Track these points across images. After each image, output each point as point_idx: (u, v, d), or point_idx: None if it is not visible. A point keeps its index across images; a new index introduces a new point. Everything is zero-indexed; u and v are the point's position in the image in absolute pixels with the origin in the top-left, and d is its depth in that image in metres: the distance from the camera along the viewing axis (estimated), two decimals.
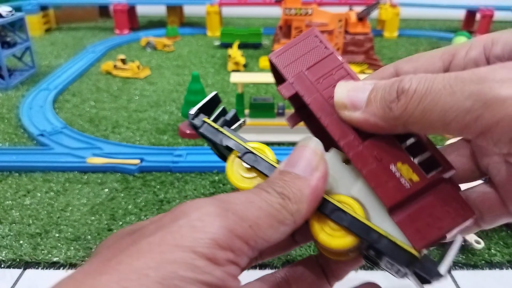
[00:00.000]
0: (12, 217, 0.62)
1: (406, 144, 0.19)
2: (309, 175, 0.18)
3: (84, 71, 1.30)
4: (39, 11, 1.76)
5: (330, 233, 0.19)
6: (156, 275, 0.13)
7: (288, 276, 0.22)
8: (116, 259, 0.14)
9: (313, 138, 0.19)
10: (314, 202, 0.18)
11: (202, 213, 0.15)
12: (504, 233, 0.59)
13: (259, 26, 1.86)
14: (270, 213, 0.16)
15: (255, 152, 0.20)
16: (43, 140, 0.82)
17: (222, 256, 0.15)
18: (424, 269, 0.17)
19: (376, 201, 0.19)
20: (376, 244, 0.18)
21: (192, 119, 0.22)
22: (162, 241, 0.14)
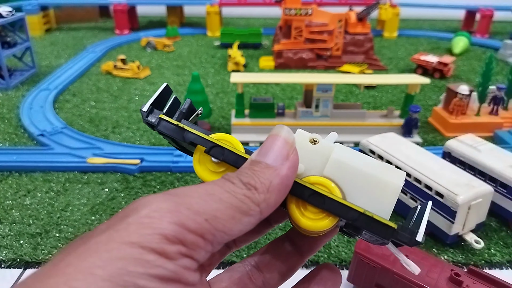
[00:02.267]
0: (13, 217, 0.62)
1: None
2: (279, 165, 0.18)
3: (84, 71, 1.30)
4: (39, 11, 1.76)
5: (310, 217, 0.19)
6: (104, 273, 0.13)
7: (258, 263, 0.22)
8: (64, 261, 0.14)
9: (285, 127, 0.19)
10: (283, 191, 0.18)
11: (152, 209, 0.15)
12: (504, 233, 0.59)
13: (259, 26, 1.86)
14: (232, 204, 0.16)
15: (222, 145, 0.20)
16: (43, 140, 0.82)
17: (172, 250, 0.14)
18: (402, 237, 0.18)
19: (349, 178, 0.19)
20: (356, 222, 0.18)
21: (146, 117, 0.21)
22: (109, 240, 0.14)
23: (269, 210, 0.17)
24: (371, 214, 0.18)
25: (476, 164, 0.61)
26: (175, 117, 0.21)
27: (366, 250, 0.46)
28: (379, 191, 0.19)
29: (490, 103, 0.93)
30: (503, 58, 1.47)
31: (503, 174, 0.58)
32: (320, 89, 0.87)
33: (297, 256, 0.22)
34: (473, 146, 0.64)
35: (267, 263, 0.22)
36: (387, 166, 0.20)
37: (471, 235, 0.55)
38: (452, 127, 0.89)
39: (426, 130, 0.93)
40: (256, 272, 0.22)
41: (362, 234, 0.20)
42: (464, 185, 0.54)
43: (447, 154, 0.67)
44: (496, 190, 0.58)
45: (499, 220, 0.61)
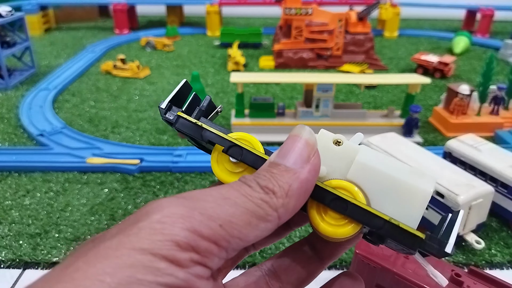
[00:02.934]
0: (12, 217, 0.62)
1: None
2: (299, 168, 0.17)
3: (84, 71, 1.29)
4: (39, 11, 1.76)
5: (331, 222, 0.18)
6: (112, 280, 0.13)
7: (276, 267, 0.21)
8: (73, 266, 0.14)
9: (306, 127, 0.18)
10: (303, 196, 0.17)
11: (164, 214, 0.14)
12: (505, 233, 0.59)
13: (259, 26, 1.86)
14: (248, 209, 0.15)
15: (240, 145, 0.19)
16: (42, 140, 0.82)
17: (184, 257, 0.14)
18: (430, 248, 0.17)
19: (375, 183, 0.18)
20: (381, 230, 0.17)
21: (164, 113, 0.20)
22: (120, 245, 0.14)
23: (287, 216, 0.16)
24: (397, 223, 0.17)
25: (477, 164, 0.61)
26: (194, 114, 0.20)
27: (366, 251, 0.46)
28: (406, 198, 0.18)
29: (490, 103, 0.93)
30: (504, 58, 1.47)
31: (503, 174, 0.58)
32: (320, 89, 0.86)
33: (317, 262, 0.21)
34: (474, 146, 0.64)
35: (285, 268, 0.21)
36: (417, 170, 0.19)
37: (472, 236, 0.55)
38: (453, 127, 0.89)
39: (427, 130, 0.93)
40: (273, 277, 0.21)
41: (387, 243, 0.18)
42: (464, 185, 0.54)
43: (447, 154, 0.66)
44: (496, 190, 0.58)
45: (500, 220, 0.61)
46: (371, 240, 0.19)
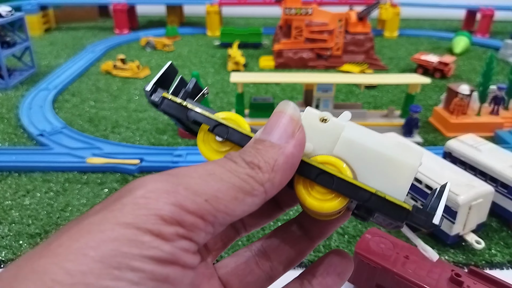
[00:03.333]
0: (12, 217, 0.62)
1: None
2: (284, 143, 0.17)
3: (84, 71, 1.29)
4: (39, 11, 1.76)
5: (318, 197, 0.18)
6: (96, 254, 0.13)
7: (265, 247, 0.21)
8: (56, 242, 0.13)
9: (290, 102, 0.18)
10: (289, 170, 0.17)
11: (148, 190, 0.14)
12: (505, 233, 0.59)
13: (259, 25, 1.85)
14: (234, 184, 0.15)
15: (226, 124, 0.19)
16: (42, 140, 0.82)
17: (169, 231, 0.14)
18: (418, 220, 0.17)
19: (361, 158, 0.18)
20: (368, 203, 0.17)
21: (150, 95, 0.20)
22: (103, 220, 0.13)
23: (274, 190, 0.17)
24: (383, 195, 0.17)
25: (477, 164, 0.61)
26: (179, 96, 0.20)
27: (366, 251, 0.46)
28: (393, 172, 0.18)
29: (490, 103, 0.92)
30: (504, 57, 1.47)
31: (503, 174, 0.58)
32: (320, 89, 0.86)
33: (306, 241, 0.21)
34: (474, 146, 0.64)
35: (275, 248, 0.21)
36: (404, 145, 0.18)
37: (472, 236, 0.55)
38: (453, 127, 0.89)
39: (427, 130, 0.93)
40: (263, 257, 0.21)
41: (374, 217, 0.18)
42: (464, 185, 0.54)
43: (447, 154, 0.66)
44: (496, 190, 0.58)
45: (500, 220, 0.61)
46: (360, 216, 0.19)
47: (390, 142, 0.19)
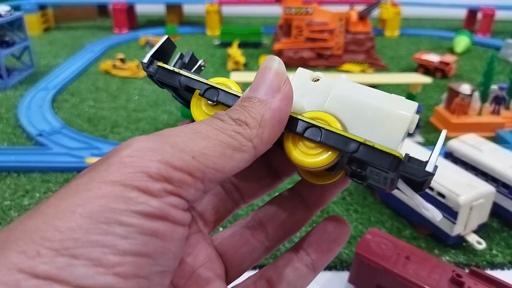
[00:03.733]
0: (11, 218, 0.62)
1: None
2: (270, 98, 0.17)
3: (83, 71, 1.29)
4: (38, 10, 1.76)
5: (308, 152, 0.17)
6: (84, 210, 0.13)
7: (261, 217, 0.21)
8: (45, 203, 0.14)
9: (275, 57, 0.18)
10: (277, 125, 0.17)
11: (133, 149, 0.14)
12: (506, 233, 0.59)
13: (259, 25, 1.85)
14: (222, 140, 0.15)
15: (217, 86, 0.19)
16: (41, 140, 0.82)
17: (157, 187, 0.14)
18: (410, 169, 0.16)
19: (352, 112, 0.18)
20: (356, 154, 0.17)
21: (146, 67, 0.20)
22: (90, 180, 0.14)
23: (263, 146, 0.16)
24: (372, 144, 0.16)
25: (478, 164, 0.61)
26: (175, 65, 0.20)
27: (367, 251, 0.45)
28: (384, 123, 0.17)
29: (492, 103, 0.92)
30: (505, 57, 1.47)
31: (505, 174, 0.58)
32: None
33: (304, 210, 0.21)
34: (475, 146, 0.63)
35: (271, 217, 0.21)
36: (397, 97, 0.18)
37: (473, 236, 0.55)
38: (454, 127, 0.89)
39: (428, 130, 0.92)
40: (258, 227, 0.21)
41: (369, 175, 0.18)
42: (465, 185, 0.54)
43: (448, 154, 0.66)
44: (498, 190, 0.58)
45: (501, 221, 0.61)
46: (355, 176, 0.19)
47: (382, 94, 0.18)
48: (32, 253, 0.12)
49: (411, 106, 0.18)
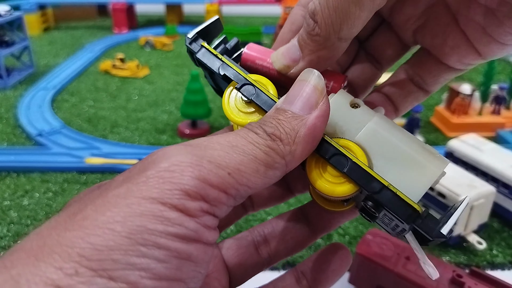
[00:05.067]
0: (10, 218, 0.61)
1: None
2: (307, 114, 0.16)
3: (83, 71, 1.29)
4: (38, 10, 1.75)
5: (328, 179, 0.17)
6: (123, 229, 0.13)
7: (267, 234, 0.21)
8: (81, 213, 0.13)
9: (315, 71, 0.18)
10: (311, 143, 0.16)
11: (172, 162, 0.14)
12: (506, 234, 0.59)
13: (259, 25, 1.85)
14: (256, 156, 0.15)
15: (255, 85, 0.19)
16: (41, 140, 0.82)
17: (194, 207, 0.14)
18: (425, 226, 0.16)
19: (383, 151, 0.17)
20: (377, 195, 0.16)
21: (189, 43, 0.20)
22: (128, 193, 0.13)
23: (294, 163, 0.16)
24: (395, 190, 0.16)
25: (478, 164, 0.61)
26: (218, 50, 0.20)
27: (367, 251, 0.45)
28: (412, 173, 0.17)
29: (492, 103, 0.92)
30: (505, 57, 1.47)
31: (505, 175, 0.58)
32: None
33: (308, 233, 0.21)
34: (475, 146, 0.63)
35: (276, 236, 0.21)
36: (431, 149, 0.18)
37: (473, 236, 0.55)
38: (454, 127, 0.89)
39: (428, 130, 0.92)
40: (263, 243, 0.21)
41: (381, 216, 0.17)
42: (466, 185, 0.53)
43: (449, 154, 0.66)
44: (498, 190, 0.58)
45: (501, 221, 0.61)
46: (366, 213, 0.19)
47: (417, 143, 0.18)
48: (70, 271, 0.12)
49: (443, 162, 0.17)
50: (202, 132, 0.86)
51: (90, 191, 0.17)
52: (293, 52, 0.19)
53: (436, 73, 0.20)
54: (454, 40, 0.18)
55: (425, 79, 0.21)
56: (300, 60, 0.19)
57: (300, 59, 0.19)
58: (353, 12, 0.16)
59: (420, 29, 0.19)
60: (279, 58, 0.20)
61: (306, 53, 0.19)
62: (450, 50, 0.19)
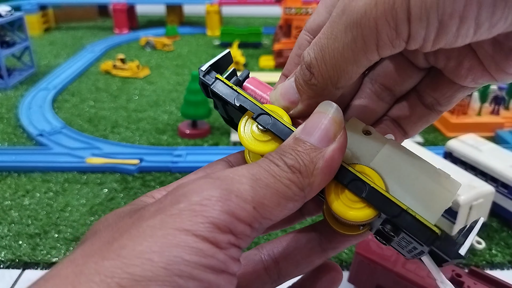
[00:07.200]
0: (11, 218, 0.62)
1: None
2: (325, 146, 0.17)
3: (83, 71, 1.29)
4: (38, 11, 1.76)
5: (348, 204, 0.17)
6: (161, 260, 0.13)
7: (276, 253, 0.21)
8: (117, 242, 0.14)
9: (333, 104, 0.18)
10: (328, 174, 0.17)
11: (203, 197, 0.15)
12: (505, 233, 0.59)
13: (259, 25, 1.85)
14: (278, 190, 0.16)
15: (271, 113, 0.19)
16: (42, 140, 0.82)
17: (223, 239, 0.14)
18: (444, 248, 0.16)
19: (398, 175, 0.18)
20: (396, 219, 0.17)
21: (203, 76, 0.20)
22: (163, 225, 0.14)
23: (313, 194, 0.17)
24: (414, 213, 0.17)
25: (477, 164, 0.61)
26: (231, 81, 0.21)
27: (367, 251, 0.45)
28: (428, 197, 0.18)
29: (491, 103, 0.92)
30: None
31: (504, 174, 0.58)
32: None
33: (319, 253, 0.21)
34: (474, 146, 0.64)
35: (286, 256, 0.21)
36: (444, 173, 0.18)
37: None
38: (453, 127, 0.89)
39: (427, 130, 0.92)
40: (272, 263, 0.21)
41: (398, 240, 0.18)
42: (465, 185, 0.54)
43: (448, 154, 0.66)
44: (497, 190, 0.58)
45: (500, 221, 0.61)
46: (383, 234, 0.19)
47: (431, 166, 0.18)
48: None
49: (456, 185, 0.18)
50: (202, 132, 0.86)
51: (118, 217, 0.17)
52: (292, 94, 0.20)
53: (451, 93, 0.20)
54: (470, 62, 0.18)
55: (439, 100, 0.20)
56: (298, 103, 0.20)
57: (299, 102, 0.20)
58: (350, 69, 0.17)
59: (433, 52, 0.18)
60: (278, 99, 0.20)
61: (304, 98, 0.19)
62: (466, 72, 0.18)
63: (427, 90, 0.21)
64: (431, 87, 0.20)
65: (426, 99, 0.21)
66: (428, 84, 0.21)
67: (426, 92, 0.21)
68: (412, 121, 0.21)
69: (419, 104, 0.21)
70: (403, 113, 0.21)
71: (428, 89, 0.21)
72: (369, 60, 0.16)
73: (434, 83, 0.20)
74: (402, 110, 0.21)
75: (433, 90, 0.20)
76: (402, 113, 0.21)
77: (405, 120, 0.21)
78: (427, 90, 0.21)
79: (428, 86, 0.21)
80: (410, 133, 0.22)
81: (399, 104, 0.21)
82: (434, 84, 0.20)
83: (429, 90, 0.21)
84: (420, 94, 0.21)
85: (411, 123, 0.21)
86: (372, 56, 0.16)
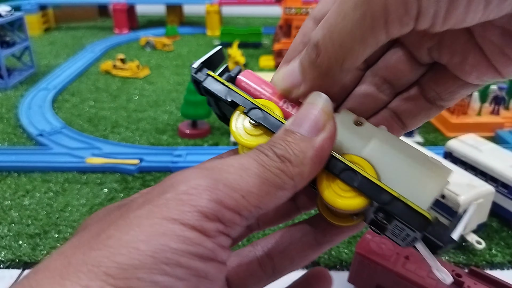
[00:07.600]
0: (11, 218, 0.62)
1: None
2: (314, 136, 0.17)
3: (83, 71, 1.29)
4: (38, 11, 1.76)
5: (339, 193, 0.18)
6: (147, 248, 0.13)
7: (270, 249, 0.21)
8: (105, 233, 0.14)
9: (322, 95, 0.18)
10: (318, 164, 0.17)
11: (190, 186, 0.15)
12: (505, 233, 0.59)
13: (259, 25, 1.85)
14: (268, 179, 0.16)
15: (262, 108, 0.19)
16: (42, 140, 0.82)
17: (211, 228, 0.14)
18: (436, 233, 0.16)
19: (389, 163, 0.18)
20: (388, 206, 0.17)
21: (194, 73, 0.21)
22: (150, 214, 0.14)
23: (303, 183, 0.17)
24: (405, 200, 0.17)
25: (477, 164, 0.61)
26: (223, 77, 0.21)
27: (367, 251, 0.45)
28: (419, 184, 0.18)
29: (491, 103, 0.92)
30: None
31: (504, 174, 0.58)
32: None
33: (314, 247, 0.21)
34: (474, 146, 0.64)
35: (281, 251, 0.21)
36: (435, 161, 0.18)
37: (472, 236, 0.55)
38: (453, 127, 0.89)
39: (427, 130, 0.92)
40: (267, 259, 0.21)
41: (391, 228, 0.18)
42: (465, 185, 0.54)
43: (448, 154, 0.66)
44: (497, 190, 0.58)
45: (500, 221, 0.61)
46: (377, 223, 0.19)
47: (422, 154, 0.19)
48: None
49: (447, 171, 0.18)
50: (202, 132, 0.86)
51: (108, 211, 0.17)
52: (295, 76, 0.20)
53: (454, 89, 0.20)
54: (474, 58, 0.18)
55: (441, 95, 0.20)
56: (301, 85, 0.20)
57: (302, 84, 0.20)
58: (357, 49, 0.17)
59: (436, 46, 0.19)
60: (280, 81, 0.20)
61: (307, 80, 0.19)
62: (471, 68, 0.18)
63: (430, 84, 0.20)
64: (435, 81, 0.20)
65: (428, 93, 0.21)
66: (432, 78, 0.20)
67: (429, 86, 0.21)
68: (412, 114, 0.21)
69: (421, 98, 0.21)
70: (404, 105, 0.21)
71: (432, 82, 0.20)
72: (377, 41, 0.16)
73: (438, 77, 0.20)
74: (403, 102, 0.21)
75: (436, 84, 0.20)
76: (403, 105, 0.21)
77: (405, 113, 0.21)
78: (430, 84, 0.20)
79: (432, 80, 0.20)
80: (409, 126, 0.22)
81: (401, 96, 0.21)
82: (438, 78, 0.20)
83: (432, 84, 0.20)
84: (423, 88, 0.21)
85: (411, 116, 0.21)
86: (380, 34, 0.16)
